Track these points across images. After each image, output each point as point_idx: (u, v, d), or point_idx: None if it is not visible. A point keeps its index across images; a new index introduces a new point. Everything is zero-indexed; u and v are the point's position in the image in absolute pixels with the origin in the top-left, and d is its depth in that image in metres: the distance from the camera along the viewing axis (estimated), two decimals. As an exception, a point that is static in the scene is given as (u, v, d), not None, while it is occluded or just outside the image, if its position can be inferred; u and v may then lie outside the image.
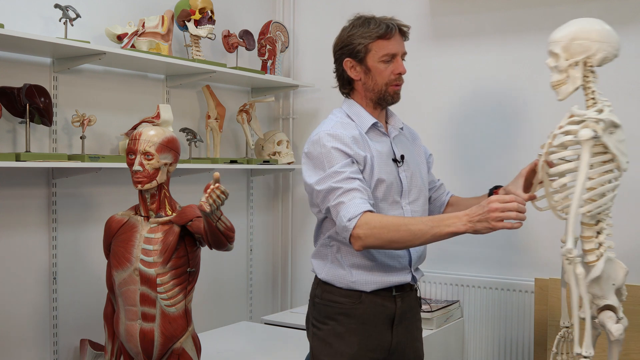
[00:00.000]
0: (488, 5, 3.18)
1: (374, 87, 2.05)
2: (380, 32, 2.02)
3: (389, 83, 2.04)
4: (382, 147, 2.05)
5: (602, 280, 1.96)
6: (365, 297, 2.00)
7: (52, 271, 2.65)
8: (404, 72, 2.06)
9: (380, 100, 2.07)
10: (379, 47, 2.02)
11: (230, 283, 3.48)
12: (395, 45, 2.04)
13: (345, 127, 2.00)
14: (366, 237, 1.83)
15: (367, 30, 2.02)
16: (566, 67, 1.93)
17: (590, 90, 1.94)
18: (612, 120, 1.91)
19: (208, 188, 1.96)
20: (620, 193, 2.86)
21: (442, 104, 3.29)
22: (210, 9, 3.00)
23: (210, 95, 3.19)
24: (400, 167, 2.07)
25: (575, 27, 1.94)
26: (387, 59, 2.02)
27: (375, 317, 2.01)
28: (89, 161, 2.52)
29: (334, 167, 1.91)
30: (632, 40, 2.87)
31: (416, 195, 2.10)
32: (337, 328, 2.01)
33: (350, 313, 2.00)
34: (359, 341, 1.99)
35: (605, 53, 1.92)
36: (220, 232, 2.09)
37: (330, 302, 2.03)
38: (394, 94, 2.07)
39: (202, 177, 3.14)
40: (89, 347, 2.63)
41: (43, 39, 2.34)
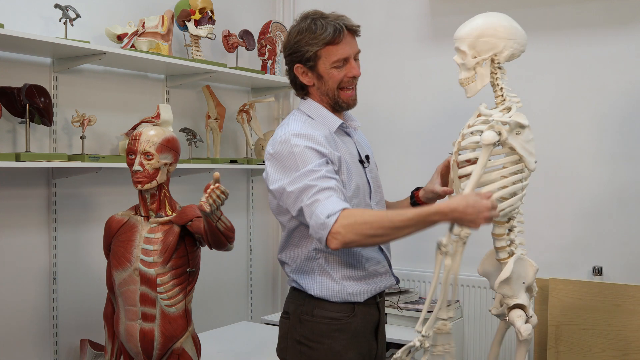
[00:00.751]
0: (488, 5, 3.17)
1: (327, 92, 1.95)
2: (328, 37, 1.88)
3: (340, 87, 1.94)
4: (349, 148, 1.98)
5: (512, 280, 1.95)
6: (358, 309, 1.94)
7: (52, 271, 2.65)
8: (357, 74, 1.95)
9: (336, 105, 1.97)
10: (329, 53, 1.90)
11: (230, 283, 3.48)
12: (345, 48, 1.91)
13: (314, 127, 1.90)
14: (346, 233, 1.71)
15: (314, 36, 1.89)
16: (474, 65, 1.91)
17: (499, 87, 1.93)
18: (518, 121, 1.88)
19: (208, 188, 1.96)
20: (622, 193, 2.88)
21: (442, 103, 3.29)
22: (210, 9, 3.00)
23: (210, 95, 3.18)
24: (367, 167, 2.01)
25: (480, 22, 1.92)
26: (339, 64, 1.91)
27: (364, 328, 1.96)
28: (89, 161, 2.52)
29: (308, 166, 1.79)
30: (632, 40, 2.87)
31: (380, 196, 2.06)
32: (334, 346, 1.91)
33: (344, 328, 1.93)
34: (354, 356, 1.93)
35: (512, 50, 1.91)
36: (220, 232, 2.09)
37: (324, 318, 1.91)
38: (348, 100, 1.96)
39: (202, 177, 3.14)
40: (89, 347, 2.63)
41: (43, 39, 2.34)
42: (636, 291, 2.62)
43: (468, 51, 1.92)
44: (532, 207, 2.16)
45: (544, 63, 3.03)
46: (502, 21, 1.92)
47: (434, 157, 3.41)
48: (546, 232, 3.02)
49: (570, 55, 2.99)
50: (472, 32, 1.91)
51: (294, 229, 1.92)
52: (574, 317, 2.72)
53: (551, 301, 2.77)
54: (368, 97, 3.49)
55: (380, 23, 3.47)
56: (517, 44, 1.92)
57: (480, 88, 1.94)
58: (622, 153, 2.89)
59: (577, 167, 2.98)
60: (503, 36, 1.89)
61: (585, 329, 2.69)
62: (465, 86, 1.96)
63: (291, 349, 1.96)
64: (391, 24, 3.44)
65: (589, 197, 2.95)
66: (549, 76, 3.00)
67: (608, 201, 2.91)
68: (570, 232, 2.99)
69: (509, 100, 1.93)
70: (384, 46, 3.46)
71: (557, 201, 3.01)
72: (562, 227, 3.01)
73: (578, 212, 2.98)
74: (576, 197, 2.98)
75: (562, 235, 3.01)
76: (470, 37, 1.91)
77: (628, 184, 2.88)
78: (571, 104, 3.00)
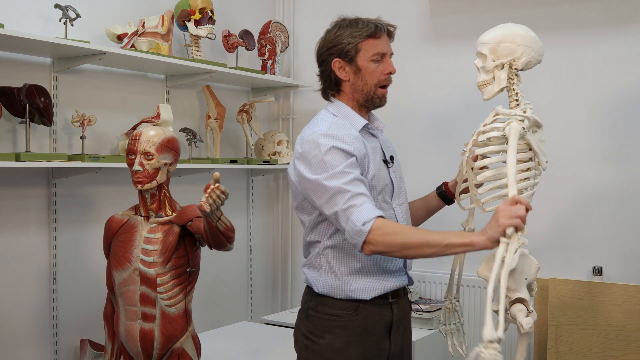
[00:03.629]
0: (488, 5, 3.18)
1: (363, 87, 2.00)
2: (370, 31, 1.99)
3: (379, 84, 2.00)
4: (375, 148, 2.03)
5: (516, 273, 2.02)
6: (362, 307, 1.95)
7: (52, 271, 2.65)
8: (394, 71, 2.02)
9: (368, 103, 2.02)
10: (369, 46, 1.98)
11: (230, 283, 3.48)
12: (384, 44, 2.01)
13: (342, 127, 1.95)
14: (377, 243, 1.78)
15: (356, 29, 1.99)
16: (492, 68, 2.02)
17: (514, 92, 2.03)
18: (536, 119, 1.99)
19: (208, 188, 1.96)
20: (622, 193, 2.88)
21: (442, 103, 3.29)
22: (210, 9, 3.00)
23: (210, 95, 3.19)
24: (390, 168, 2.05)
25: (502, 30, 2.03)
26: (378, 58, 1.99)
27: (373, 327, 1.97)
28: (89, 161, 2.52)
29: (339, 167, 1.84)
30: (632, 40, 2.87)
31: (404, 197, 2.10)
32: (335, 342, 1.95)
33: (347, 326, 1.95)
34: (357, 354, 1.95)
35: (529, 57, 2.02)
36: (220, 232, 2.09)
37: (327, 315, 1.97)
38: (381, 97, 2.02)
39: (202, 177, 3.14)
40: (89, 347, 2.63)
41: (43, 39, 2.34)
42: (636, 291, 2.63)
43: (489, 55, 2.03)
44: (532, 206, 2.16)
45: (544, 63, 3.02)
46: (522, 31, 2.03)
47: (434, 157, 3.42)
48: (546, 232, 3.02)
49: (570, 55, 2.99)
50: (494, 37, 2.03)
51: (313, 226, 1.98)
52: (574, 317, 2.72)
53: (551, 301, 2.77)
54: (368, 97, 3.50)
55: (380, 23, 3.47)
56: (535, 52, 2.02)
57: (498, 91, 2.03)
58: (622, 153, 2.89)
59: (577, 167, 2.98)
60: (522, 43, 2.01)
61: (585, 329, 2.69)
62: (483, 88, 2.06)
63: (299, 342, 2.04)
64: (391, 24, 3.44)
65: (589, 196, 2.95)
66: (548, 76, 3.00)
67: (608, 201, 2.91)
68: (570, 232, 2.99)
69: (524, 104, 2.03)
70: (384, 46, 3.45)
71: (557, 201, 3.01)
72: (562, 227, 3.01)
73: (578, 212, 2.98)
74: (576, 196, 2.98)
75: (562, 235, 3.01)
76: (492, 42, 2.03)
77: (628, 184, 2.88)
78: (571, 104, 3.00)
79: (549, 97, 3.02)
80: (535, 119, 1.99)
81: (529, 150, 1.99)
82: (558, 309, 2.75)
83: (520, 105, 2.02)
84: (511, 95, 2.04)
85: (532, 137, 1.98)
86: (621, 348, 2.62)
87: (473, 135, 2.06)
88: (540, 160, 2.00)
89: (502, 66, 2.02)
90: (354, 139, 1.92)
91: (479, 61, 2.07)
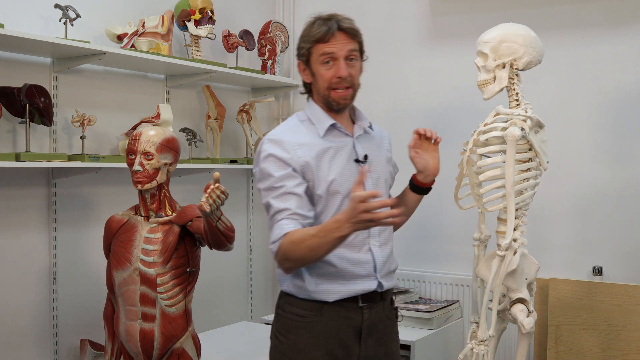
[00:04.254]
0: (488, 5, 3.18)
1: (319, 90, 1.97)
2: (319, 35, 1.92)
3: (330, 87, 1.94)
4: (343, 148, 1.98)
5: (517, 274, 2.04)
6: (327, 309, 1.91)
7: (52, 271, 2.65)
8: (343, 75, 1.92)
9: (328, 105, 1.98)
10: (319, 50, 1.93)
11: (230, 283, 3.48)
12: (334, 47, 1.92)
13: (294, 132, 1.95)
14: (282, 260, 1.83)
15: (310, 32, 1.94)
16: (494, 68, 2.03)
17: (514, 92, 2.04)
18: (539, 119, 2.00)
19: (208, 188, 1.96)
20: (622, 193, 2.88)
21: (443, 104, 3.29)
22: (210, 9, 3.00)
23: (210, 95, 3.19)
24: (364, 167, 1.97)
25: (504, 30, 2.04)
26: (327, 60, 1.93)
27: (339, 330, 1.93)
28: (89, 161, 2.52)
29: (270, 180, 1.89)
30: (632, 40, 2.87)
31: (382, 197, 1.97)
32: (298, 343, 1.93)
33: (309, 326, 1.93)
34: (321, 356, 1.92)
35: (530, 57, 2.02)
36: (220, 232, 2.09)
37: (291, 314, 1.96)
38: (338, 100, 1.95)
39: (202, 177, 3.14)
40: (89, 347, 2.63)
41: (43, 39, 2.34)
42: (636, 291, 2.63)
43: (490, 54, 2.03)
44: (532, 206, 2.17)
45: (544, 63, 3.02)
46: (523, 31, 2.04)
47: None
48: (546, 232, 3.02)
49: (570, 55, 2.99)
50: (495, 37, 2.03)
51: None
52: (574, 317, 2.72)
53: (551, 301, 2.77)
54: (368, 97, 3.48)
55: (380, 23, 3.47)
56: (536, 52, 2.03)
57: (498, 91, 2.04)
58: (622, 153, 2.89)
59: (577, 167, 2.98)
60: (523, 43, 2.01)
61: (585, 329, 2.69)
62: (483, 88, 2.07)
63: (271, 341, 2.02)
64: (391, 24, 3.44)
65: (589, 196, 2.95)
66: (549, 76, 3.00)
67: (608, 201, 2.91)
68: (570, 232, 2.99)
69: (524, 104, 2.04)
70: (384, 46, 3.45)
71: (557, 201, 3.01)
72: (562, 227, 3.01)
73: (578, 211, 2.98)
74: (576, 196, 2.98)
75: (562, 235, 3.01)
76: (494, 41, 2.03)
77: (628, 184, 2.88)
78: (571, 104, 3.00)
79: (549, 97, 3.01)
80: (538, 119, 2.00)
81: (530, 151, 1.99)
82: (558, 309, 2.75)
83: (520, 105, 2.03)
84: (511, 95, 2.05)
85: (534, 137, 1.98)
86: (621, 348, 2.62)
87: (473, 134, 2.06)
88: (541, 160, 2.00)
89: (504, 66, 2.02)
90: (297, 147, 1.90)
91: (480, 60, 2.07)
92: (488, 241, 2.22)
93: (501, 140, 1.98)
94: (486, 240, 2.22)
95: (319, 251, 1.78)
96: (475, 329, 2.24)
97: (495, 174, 1.99)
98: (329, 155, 1.94)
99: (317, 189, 1.91)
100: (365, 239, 1.95)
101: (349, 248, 1.93)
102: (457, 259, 3.20)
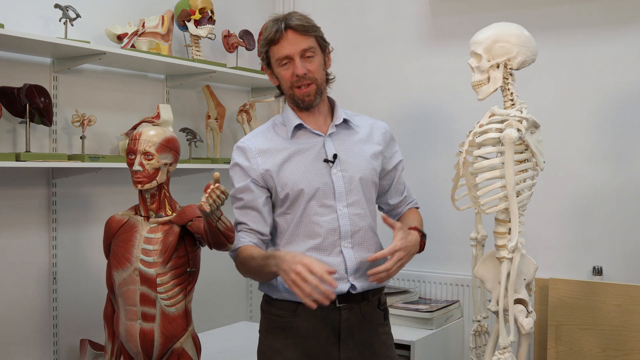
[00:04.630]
0: (488, 5, 3.18)
1: (285, 91, 2.00)
2: (269, 37, 1.93)
3: (292, 86, 1.95)
4: (310, 149, 1.97)
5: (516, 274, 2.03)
6: (301, 309, 1.89)
7: (52, 271, 2.65)
8: (299, 73, 1.91)
9: (295, 104, 1.99)
10: (273, 53, 1.95)
11: (230, 283, 3.48)
12: (286, 47, 1.92)
13: (261, 139, 1.99)
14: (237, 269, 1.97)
15: (264, 37, 1.97)
16: (488, 68, 2.02)
17: (509, 92, 2.03)
18: (534, 119, 1.99)
19: (208, 188, 1.95)
20: (622, 193, 2.88)
21: (442, 103, 3.29)
22: (210, 9, 3.00)
23: (210, 95, 3.18)
24: (332, 167, 1.96)
25: (497, 29, 2.03)
26: (284, 62, 1.94)
27: (316, 330, 1.92)
28: (89, 161, 2.52)
29: (234, 190, 1.99)
30: (632, 40, 2.87)
31: (356, 197, 1.97)
32: (274, 343, 1.95)
33: (286, 327, 1.93)
34: (297, 357, 1.92)
35: (524, 57, 2.01)
36: (220, 232, 2.09)
37: (269, 314, 2.00)
38: (302, 97, 1.95)
39: (202, 177, 3.14)
40: (89, 347, 2.63)
41: (43, 39, 2.34)
42: (636, 291, 2.63)
43: (483, 55, 2.02)
44: (531, 206, 2.17)
45: (544, 63, 3.04)
46: (516, 30, 2.03)
47: (434, 157, 3.42)
48: (546, 232, 3.02)
49: (570, 55, 2.99)
50: (489, 37, 2.02)
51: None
52: (574, 317, 2.72)
53: (551, 301, 2.77)
54: (368, 96, 3.50)
55: (380, 23, 3.47)
56: (530, 52, 2.02)
57: (493, 91, 2.03)
58: (622, 152, 2.89)
59: (576, 167, 2.98)
60: (517, 43, 2.00)
61: (585, 329, 2.69)
62: (477, 88, 2.06)
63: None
64: (391, 24, 3.44)
65: (589, 196, 2.95)
66: (548, 76, 3.00)
67: (608, 201, 2.91)
68: (570, 232, 2.99)
69: (519, 104, 2.03)
70: (384, 46, 3.46)
71: (556, 201, 3.01)
72: (562, 227, 3.01)
73: (578, 211, 2.98)
74: (576, 196, 2.98)
75: (562, 235, 3.01)
76: (487, 41, 2.02)
77: (628, 184, 2.88)
78: (571, 104, 3.00)
79: (549, 97, 3.02)
80: (534, 120, 1.99)
81: (527, 151, 1.99)
82: (558, 309, 2.75)
83: (515, 105, 2.02)
84: (506, 95, 2.04)
85: (530, 137, 1.97)
86: (621, 348, 2.62)
87: (468, 135, 2.04)
88: (538, 160, 2.00)
89: (498, 66, 2.01)
90: (258, 154, 1.96)
91: (474, 61, 2.05)
92: (485, 241, 2.23)
93: (497, 141, 1.98)
94: (483, 240, 2.22)
95: (258, 275, 1.93)
96: (477, 328, 2.25)
97: (492, 175, 1.99)
98: (294, 158, 1.95)
99: (280, 194, 1.94)
100: (336, 241, 1.94)
101: (319, 251, 1.93)
102: (457, 259, 3.21)
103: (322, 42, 1.99)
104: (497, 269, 2.06)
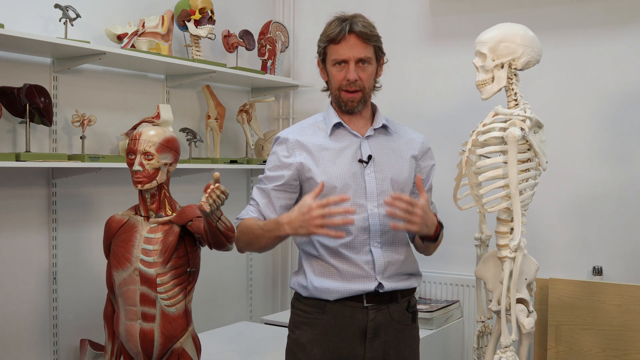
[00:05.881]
0: (488, 5, 3.18)
1: (332, 90, 2.02)
2: (332, 35, 1.94)
3: (340, 88, 1.98)
4: (347, 148, 2.00)
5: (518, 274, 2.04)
6: (329, 307, 1.95)
7: (52, 271, 2.65)
8: (351, 78, 1.94)
9: (339, 105, 2.01)
10: (331, 52, 1.97)
11: (230, 283, 3.48)
12: (345, 50, 1.94)
13: (303, 132, 2.03)
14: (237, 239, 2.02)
15: (326, 31, 1.97)
16: (492, 68, 2.03)
17: (513, 92, 2.04)
18: (538, 119, 2.00)
19: (208, 188, 1.95)
20: (622, 193, 2.88)
21: (443, 103, 3.29)
22: (210, 9, 3.00)
23: (210, 95, 3.18)
24: (366, 168, 1.99)
25: (502, 29, 2.04)
26: (338, 62, 1.96)
27: (342, 328, 1.94)
28: (89, 161, 2.52)
29: (265, 173, 2.05)
30: (632, 40, 2.87)
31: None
32: (301, 338, 1.98)
33: (313, 323, 1.96)
34: (322, 353, 1.94)
35: (529, 57, 2.02)
36: (220, 232, 2.09)
37: (298, 310, 2.03)
38: (347, 101, 1.98)
39: (202, 177, 3.14)
40: (89, 347, 2.63)
41: (43, 39, 2.34)
42: (636, 291, 2.63)
43: (488, 54, 2.03)
44: (531, 206, 2.17)
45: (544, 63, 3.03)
46: (521, 30, 2.04)
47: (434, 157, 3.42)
48: (546, 232, 3.02)
49: (570, 55, 2.99)
50: (494, 37, 2.03)
51: None
52: (574, 317, 2.72)
53: (551, 301, 2.77)
54: (368, 97, 3.49)
55: (380, 23, 3.43)
56: (534, 52, 2.03)
57: (497, 91, 2.04)
58: (622, 153, 2.89)
59: (577, 167, 2.98)
60: (522, 43, 2.01)
61: (585, 329, 2.69)
62: (482, 88, 2.06)
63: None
64: (391, 24, 3.44)
65: (589, 196, 2.95)
66: (548, 76, 3.00)
67: (608, 201, 2.91)
68: (570, 232, 3.00)
69: (523, 104, 2.03)
70: (384, 46, 3.45)
71: (557, 201, 3.01)
72: (562, 227, 3.01)
73: (578, 211, 2.98)
74: (576, 196, 2.98)
75: (562, 235, 3.01)
76: (492, 41, 2.03)
77: (628, 184, 2.88)
78: (571, 104, 3.00)
79: (549, 97, 3.02)
80: (537, 120, 2.00)
81: (529, 151, 2.00)
82: (558, 309, 2.75)
83: (519, 105, 2.03)
84: (510, 95, 2.05)
85: (533, 137, 1.98)
86: (621, 348, 2.62)
87: (472, 134, 2.06)
88: (540, 160, 2.01)
89: (502, 66, 2.02)
90: (296, 146, 2.00)
91: (478, 60, 2.07)
92: (489, 241, 2.23)
93: (500, 140, 1.99)
94: (487, 240, 2.22)
95: (260, 242, 1.94)
96: (482, 329, 2.26)
97: (495, 175, 1.99)
98: (330, 155, 1.99)
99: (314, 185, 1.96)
100: (365, 240, 1.97)
101: (349, 249, 1.96)
102: (457, 259, 3.21)
103: (379, 52, 2.04)
104: (498, 268, 2.06)
